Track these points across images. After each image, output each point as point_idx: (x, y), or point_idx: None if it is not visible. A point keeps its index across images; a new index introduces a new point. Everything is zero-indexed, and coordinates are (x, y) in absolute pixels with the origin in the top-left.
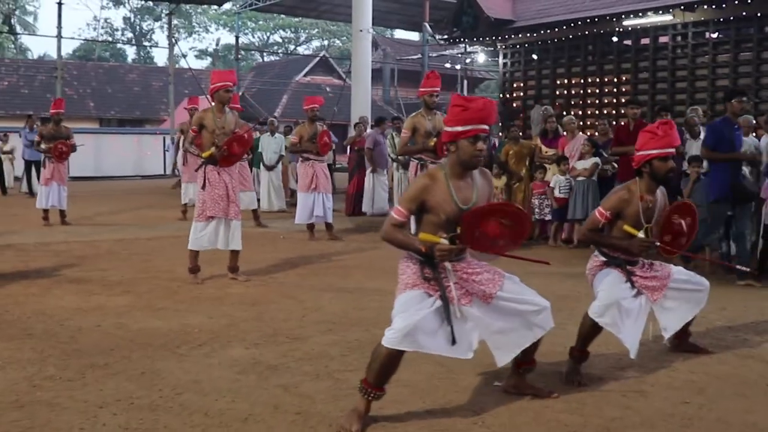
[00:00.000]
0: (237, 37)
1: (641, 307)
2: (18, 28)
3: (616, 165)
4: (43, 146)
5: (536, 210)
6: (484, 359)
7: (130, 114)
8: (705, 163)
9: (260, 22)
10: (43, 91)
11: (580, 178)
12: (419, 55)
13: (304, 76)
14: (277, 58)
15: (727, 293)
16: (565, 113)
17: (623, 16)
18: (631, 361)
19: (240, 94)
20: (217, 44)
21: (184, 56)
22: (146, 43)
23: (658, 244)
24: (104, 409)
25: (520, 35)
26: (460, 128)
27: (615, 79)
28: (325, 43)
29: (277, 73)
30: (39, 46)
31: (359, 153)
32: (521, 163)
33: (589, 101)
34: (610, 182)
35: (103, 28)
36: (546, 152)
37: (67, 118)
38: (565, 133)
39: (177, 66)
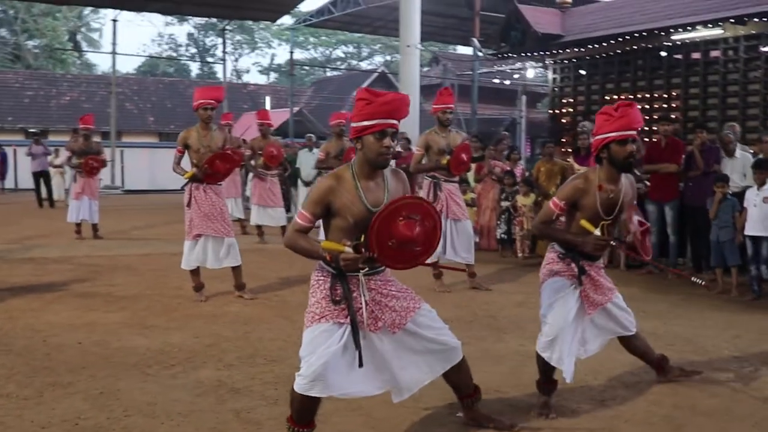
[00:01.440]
0: (291, 53)
1: (582, 318)
2: (84, 45)
3: (648, 183)
4: (74, 161)
5: None
6: (447, 386)
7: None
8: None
9: (322, 38)
10: (104, 105)
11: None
12: (483, 70)
13: None
14: (338, 73)
15: (744, 320)
16: None
17: (672, 30)
18: (615, 393)
19: (297, 109)
20: (271, 60)
21: (246, 72)
22: (200, 59)
23: (614, 243)
24: (46, 430)
25: (568, 50)
26: (364, 123)
27: (665, 95)
28: (388, 58)
29: (336, 88)
30: (105, 61)
31: None
32: (551, 181)
33: None
34: (641, 201)
35: (167, 43)
36: (578, 170)
37: (127, 132)
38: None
39: (238, 81)
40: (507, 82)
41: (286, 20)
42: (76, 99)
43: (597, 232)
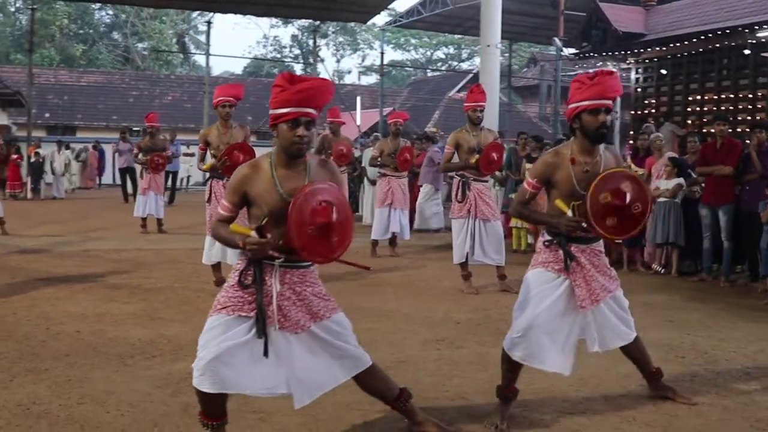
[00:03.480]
0: (382, 54)
1: (569, 312)
2: (192, 47)
3: (704, 185)
4: (140, 158)
5: None
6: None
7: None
8: None
9: (423, 39)
10: (209, 105)
11: (662, 199)
12: (576, 70)
13: (458, 91)
14: (437, 74)
15: None
16: (696, 131)
17: (756, 27)
18: (590, 406)
19: (390, 109)
20: (362, 61)
21: (348, 73)
22: (303, 61)
23: (585, 225)
24: None
25: (650, 49)
26: (278, 111)
27: (750, 95)
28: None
29: (432, 88)
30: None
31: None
32: None
33: None
34: (695, 205)
35: (272, 45)
36: (635, 172)
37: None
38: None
39: (338, 82)
40: None
41: (382, 21)
42: (178, 99)
43: (569, 212)
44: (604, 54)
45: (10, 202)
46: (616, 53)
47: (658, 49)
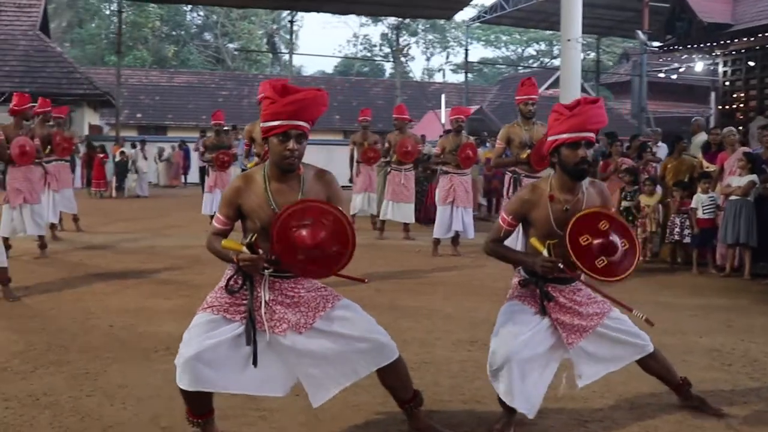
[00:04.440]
0: (466, 51)
1: (551, 349)
2: (283, 48)
3: None
4: (207, 156)
5: (676, 230)
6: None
7: (372, 126)
8: None
9: (514, 36)
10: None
11: (733, 197)
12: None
13: (546, 89)
14: (528, 71)
15: None
16: None
17: None
18: (607, 414)
19: (477, 107)
20: (447, 58)
21: (438, 71)
22: (393, 59)
23: (562, 266)
24: (6, 402)
25: (737, 40)
26: (269, 124)
27: None
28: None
29: None
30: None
31: None
32: (678, 180)
33: None
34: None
35: (362, 44)
36: (706, 167)
37: (313, 131)
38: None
39: (428, 80)
40: (661, 75)
41: (469, 17)
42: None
43: (545, 251)
44: (689, 46)
45: (94, 200)
46: (702, 45)
47: (745, 39)
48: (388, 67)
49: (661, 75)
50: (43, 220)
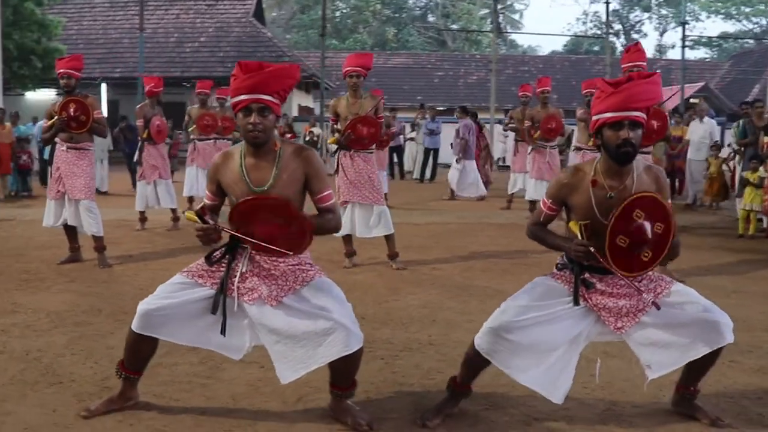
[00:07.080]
0: (683, 24)
1: (579, 335)
2: (508, 27)
3: None
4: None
5: None
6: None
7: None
8: None
9: (758, 7)
10: (509, 84)
11: None
12: None
13: None
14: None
15: None
16: None
17: None
18: (577, 413)
19: (702, 84)
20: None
21: (672, 47)
22: (624, 35)
23: (593, 249)
24: (35, 361)
25: None
26: (233, 100)
27: None
28: None
29: (756, 61)
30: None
31: None
32: None
33: None
34: None
35: (591, 21)
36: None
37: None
38: None
39: (660, 57)
40: None
41: None
42: (482, 78)
43: (579, 235)
44: None
45: None
46: None
47: None
48: (619, 44)
49: None
50: (174, 194)
